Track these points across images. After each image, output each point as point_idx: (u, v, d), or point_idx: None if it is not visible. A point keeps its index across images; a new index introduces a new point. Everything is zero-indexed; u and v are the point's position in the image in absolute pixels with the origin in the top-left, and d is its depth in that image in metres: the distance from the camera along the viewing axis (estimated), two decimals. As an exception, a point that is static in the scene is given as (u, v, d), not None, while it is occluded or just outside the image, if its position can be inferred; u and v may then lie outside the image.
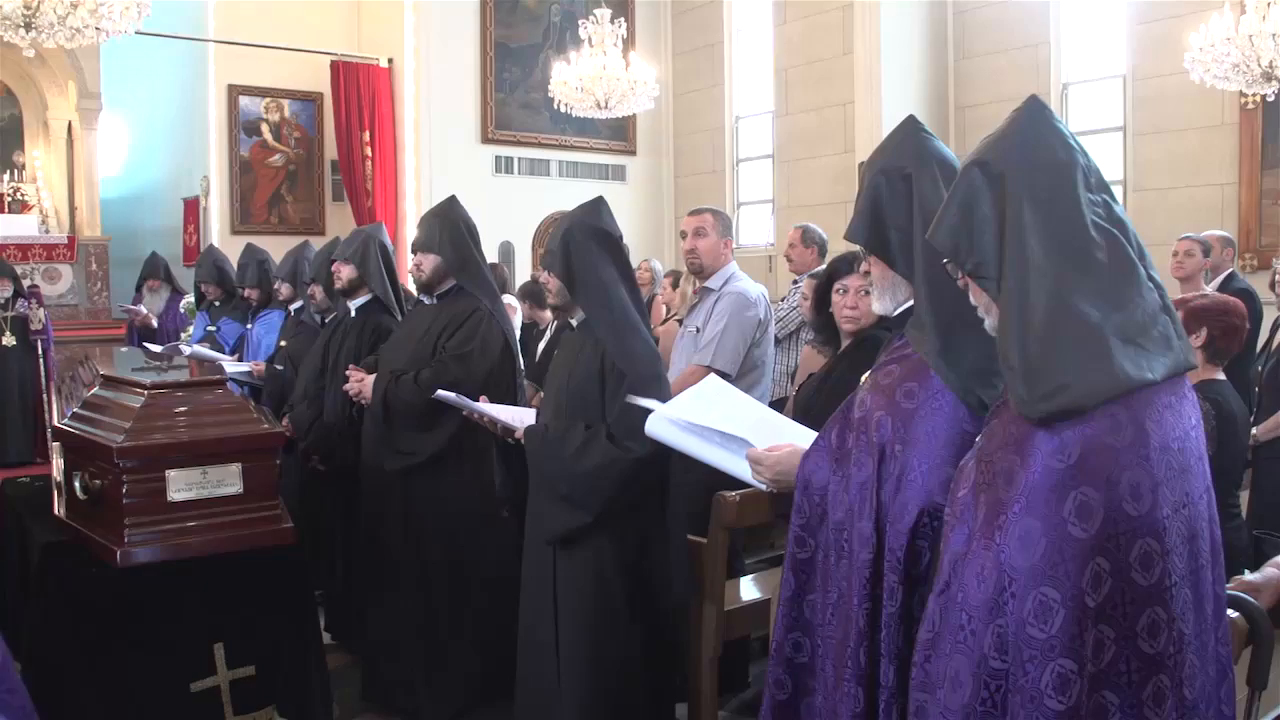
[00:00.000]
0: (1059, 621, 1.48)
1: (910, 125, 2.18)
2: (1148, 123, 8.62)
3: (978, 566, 1.58)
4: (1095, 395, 1.51)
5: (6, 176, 12.61)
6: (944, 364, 1.93)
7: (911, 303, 2.09)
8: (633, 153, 12.39)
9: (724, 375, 3.87)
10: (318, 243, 6.01)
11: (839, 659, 2.00)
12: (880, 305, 2.20)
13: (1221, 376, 3.41)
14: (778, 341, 5.12)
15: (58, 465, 3.23)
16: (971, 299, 1.75)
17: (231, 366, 5.59)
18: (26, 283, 9.44)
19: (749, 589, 3.75)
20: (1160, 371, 1.55)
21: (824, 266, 5.34)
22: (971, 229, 1.66)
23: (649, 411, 2.57)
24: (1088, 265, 1.57)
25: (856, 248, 2.30)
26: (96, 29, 6.38)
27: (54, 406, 3.86)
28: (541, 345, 6.04)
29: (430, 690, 3.77)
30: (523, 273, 10.56)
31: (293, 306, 5.62)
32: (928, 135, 2.15)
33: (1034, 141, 1.65)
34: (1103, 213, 1.61)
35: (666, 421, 2.49)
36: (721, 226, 4.20)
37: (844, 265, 3.40)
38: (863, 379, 2.16)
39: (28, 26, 6.12)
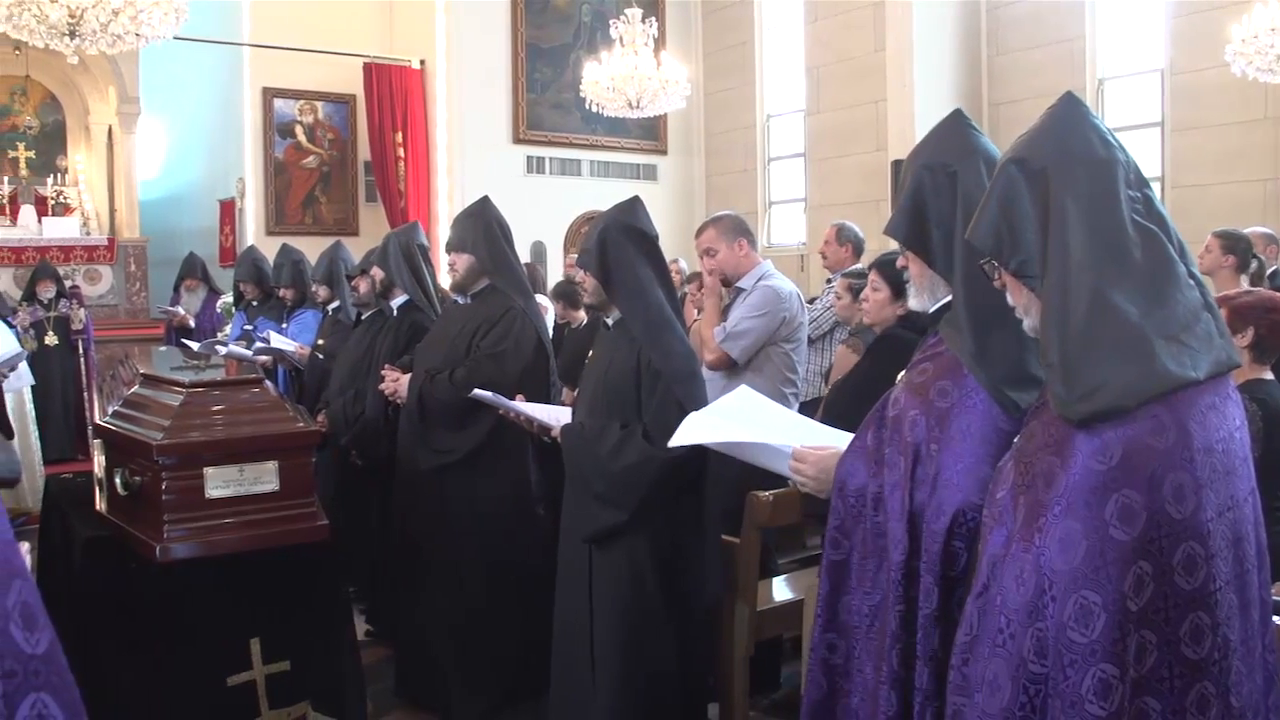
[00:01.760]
0: (1100, 625, 1.46)
1: (956, 120, 2.13)
2: (1186, 118, 8.50)
3: (1017, 569, 1.56)
4: (1136, 395, 1.49)
5: (50, 180, 12.81)
6: (978, 364, 1.90)
7: (945, 300, 2.07)
8: (664, 152, 12.38)
9: (733, 363, 3.87)
10: (351, 243, 6.06)
11: (874, 661, 1.99)
12: (917, 302, 2.17)
13: (1269, 376, 3.28)
14: (811, 341, 5.10)
15: (99, 462, 3.27)
16: (1010, 299, 1.73)
17: (279, 341, 5.66)
18: (68, 284, 9.58)
19: (781, 589, 3.74)
20: (1203, 370, 1.52)
21: (859, 265, 5.33)
22: (1013, 227, 1.64)
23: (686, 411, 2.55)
24: (1127, 262, 1.55)
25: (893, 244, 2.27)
26: (137, 35, 6.47)
27: (95, 404, 3.90)
28: (570, 344, 6.06)
29: (463, 686, 3.79)
30: (555, 272, 10.58)
31: (330, 306, 5.68)
32: (974, 130, 2.10)
33: (1072, 138, 1.62)
34: (1142, 209, 1.59)
35: (697, 431, 2.48)
36: (726, 233, 4.12)
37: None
38: (898, 378, 2.14)
39: (72, 34, 6.22)
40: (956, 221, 1.98)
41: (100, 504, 3.13)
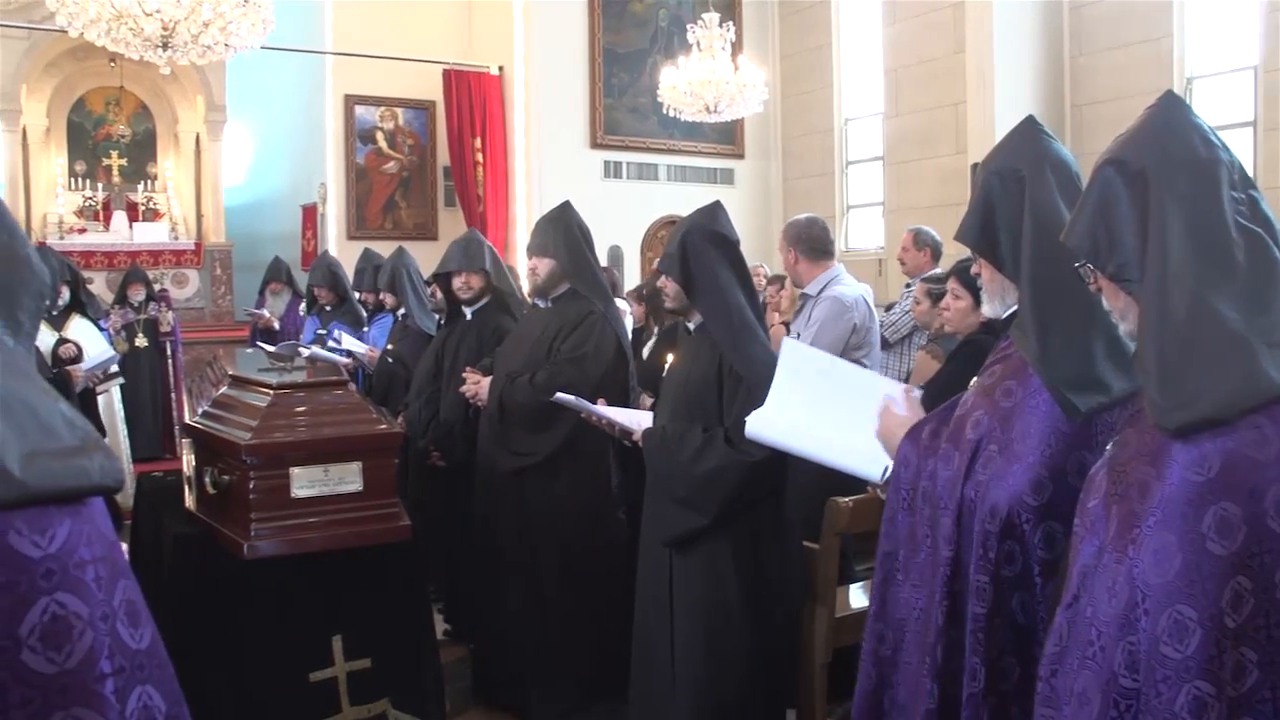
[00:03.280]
0: (1196, 642, 1.42)
1: (1028, 126, 2.13)
2: (1280, 117, 8.25)
3: (1108, 580, 1.52)
4: (1236, 404, 1.44)
5: (141, 187, 13.22)
6: (1042, 365, 1.89)
7: (1016, 306, 2.06)
8: (741, 156, 12.35)
9: None
10: (430, 247, 6.16)
11: (919, 653, 1.99)
12: (989, 308, 2.18)
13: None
14: (890, 346, 5.05)
15: (188, 461, 3.36)
16: (1106, 303, 1.70)
17: (350, 342, 5.77)
18: (157, 287, 9.86)
19: (858, 596, 3.70)
20: None
21: (938, 269, 5.26)
22: (1111, 229, 1.60)
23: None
24: (1229, 266, 1.50)
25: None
26: (226, 45, 6.66)
27: (185, 405, 4.01)
28: (647, 349, 6.07)
29: (541, 688, 3.81)
30: (632, 277, 10.62)
31: (399, 312, 5.77)
32: (1046, 136, 2.10)
33: (1172, 138, 1.58)
34: (1247, 211, 1.54)
35: (768, 424, 2.50)
36: (787, 240, 4.24)
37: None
38: (972, 381, 2.13)
39: (165, 46, 6.41)
40: (1024, 227, 1.98)
41: (190, 502, 3.22)
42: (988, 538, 1.87)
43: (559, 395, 3.41)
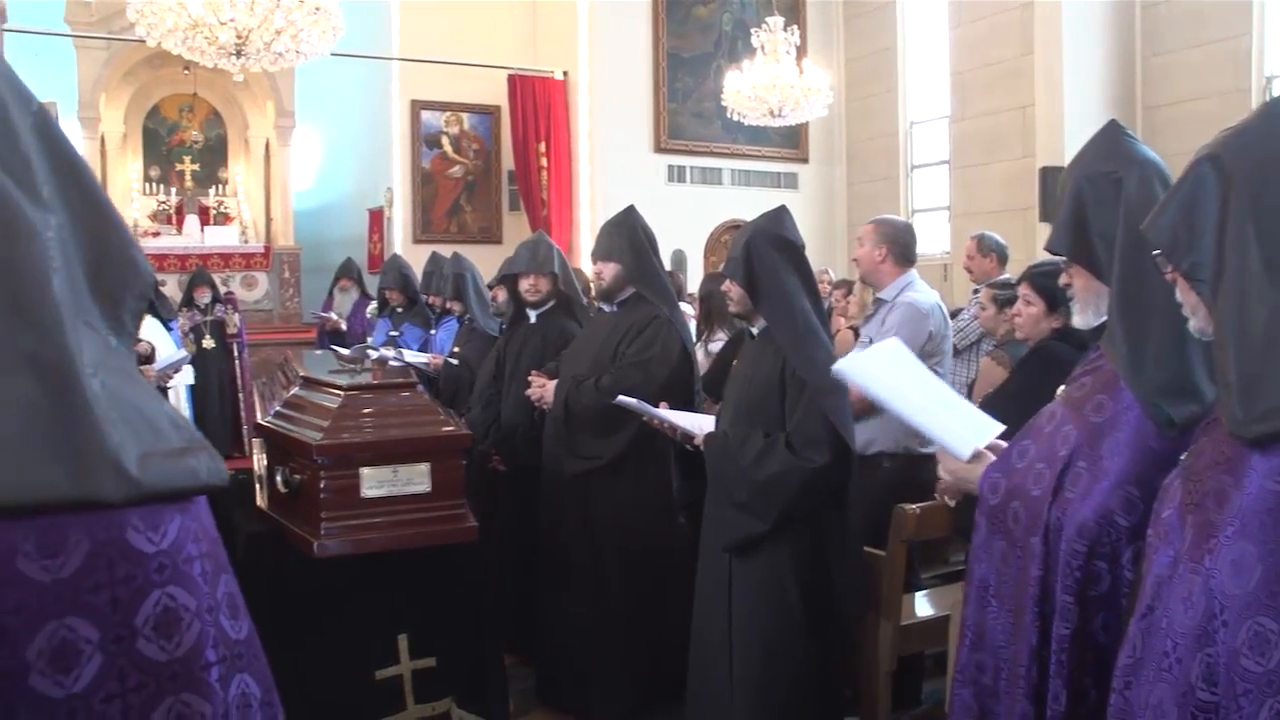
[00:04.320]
0: (1278, 656, 1.39)
1: (1113, 129, 2.10)
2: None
3: (1184, 590, 1.50)
4: (1318, 416, 1.41)
5: (212, 191, 13.51)
6: (1132, 373, 1.85)
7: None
8: (805, 160, 12.28)
9: None
10: (495, 251, 6.22)
11: (1012, 677, 1.96)
12: (1080, 319, 2.13)
13: None
14: (958, 352, 4.99)
15: (259, 460, 3.42)
16: (1178, 295, 1.66)
17: (411, 356, 5.85)
18: (225, 290, 10.07)
19: (923, 605, 3.67)
20: None
21: (1007, 275, 5.19)
22: (1193, 226, 1.57)
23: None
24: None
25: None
26: (297, 52, 6.79)
27: (255, 405, 4.09)
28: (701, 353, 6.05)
29: (602, 690, 3.83)
30: (695, 282, 10.61)
31: (465, 316, 5.83)
32: (1133, 139, 2.08)
33: (1270, 140, 1.53)
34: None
35: (859, 367, 2.47)
36: (876, 234, 4.10)
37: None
38: (1058, 391, 2.09)
39: (238, 53, 6.57)
40: (1119, 231, 1.94)
41: (260, 500, 3.28)
42: (1074, 557, 1.84)
43: (621, 398, 3.42)
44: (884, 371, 2.41)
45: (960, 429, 2.24)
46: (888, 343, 2.58)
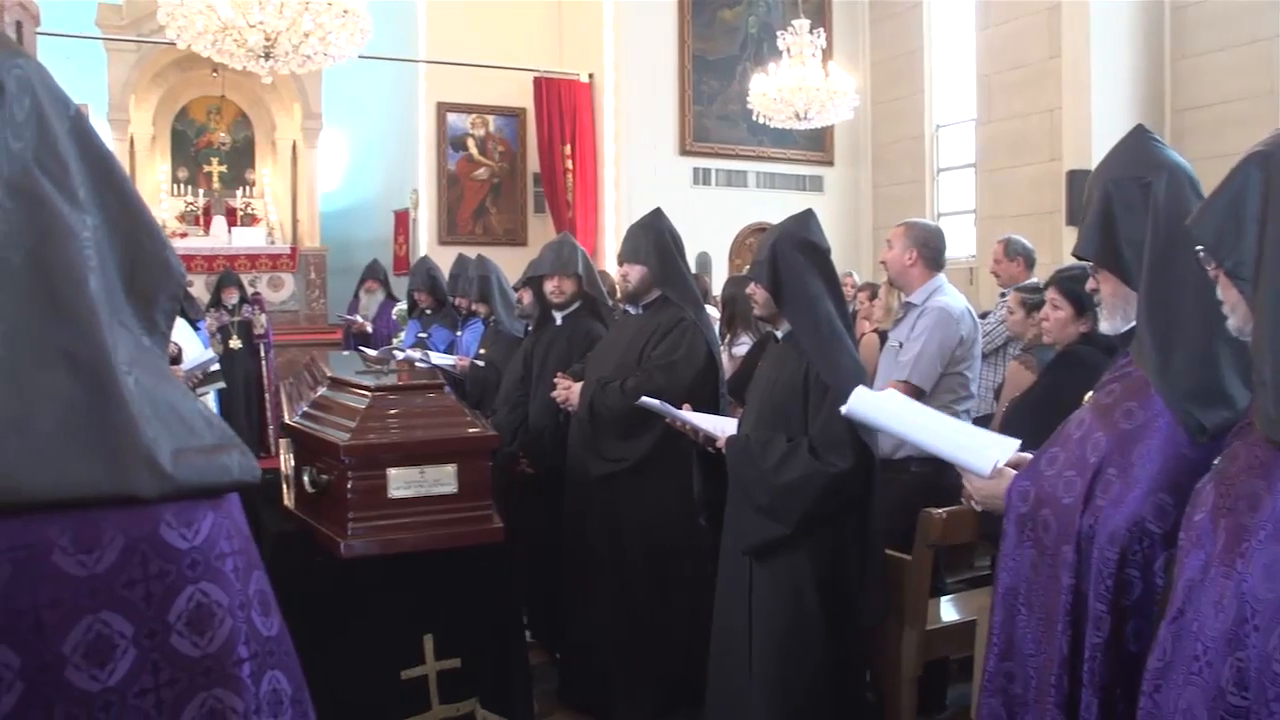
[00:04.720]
0: (1312, 662, 1.37)
1: (1140, 134, 2.11)
2: (1399, 124, 7.90)
3: (1216, 594, 1.48)
4: (1355, 419, 1.39)
5: (239, 192, 13.60)
6: (1162, 379, 1.84)
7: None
8: (830, 163, 12.26)
9: (919, 391, 3.78)
10: (520, 253, 6.24)
11: (1042, 686, 1.95)
12: (1108, 325, 2.11)
13: None
14: (985, 357, 4.96)
15: (287, 460, 3.44)
16: (1219, 293, 1.65)
17: (438, 359, 5.88)
18: (252, 290, 10.14)
19: (949, 610, 3.64)
20: None
21: (1034, 279, 5.16)
22: (1239, 224, 1.56)
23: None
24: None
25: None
26: (325, 55, 6.84)
27: (283, 405, 4.11)
28: (727, 357, 6.05)
29: (626, 692, 3.83)
30: (721, 284, 10.60)
31: (491, 318, 5.86)
32: (1159, 143, 2.07)
33: None
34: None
35: (871, 402, 2.48)
36: (908, 237, 4.07)
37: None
38: (1085, 398, 2.08)
39: (267, 56, 6.62)
40: (1147, 236, 1.93)
41: (288, 500, 3.29)
42: (1106, 564, 1.83)
43: (644, 399, 3.42)
44: (894, 408, 2.44)
45: (977, 446, 2.24)
46: (887, 393, 2.62)
